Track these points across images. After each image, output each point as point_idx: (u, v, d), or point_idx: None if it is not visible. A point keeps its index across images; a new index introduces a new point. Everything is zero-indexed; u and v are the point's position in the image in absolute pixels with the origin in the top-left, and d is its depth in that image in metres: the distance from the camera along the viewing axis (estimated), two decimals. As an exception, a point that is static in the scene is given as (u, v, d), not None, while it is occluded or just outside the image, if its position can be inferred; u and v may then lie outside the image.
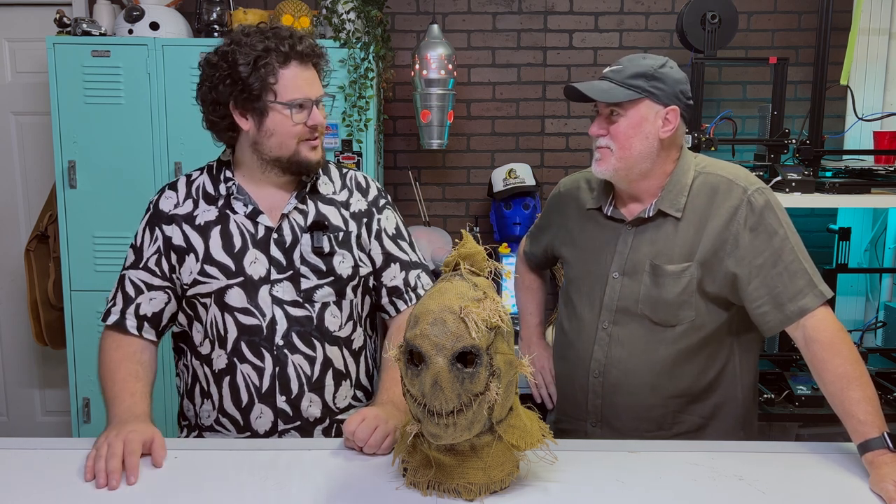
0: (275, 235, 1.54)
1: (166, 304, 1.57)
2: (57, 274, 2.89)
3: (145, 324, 1.55)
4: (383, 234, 1.63)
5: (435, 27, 2.96)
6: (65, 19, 2.76)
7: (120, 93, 2.71)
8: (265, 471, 1.33)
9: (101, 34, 2.76)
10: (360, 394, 1.64)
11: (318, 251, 1.54)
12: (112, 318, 1.55)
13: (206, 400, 1.57)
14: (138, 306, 1.55)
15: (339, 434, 1.58)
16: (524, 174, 3.04)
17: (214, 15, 2.84)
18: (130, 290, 1.55)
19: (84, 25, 2.73)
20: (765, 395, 2.35)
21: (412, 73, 2.96)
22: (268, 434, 1.54)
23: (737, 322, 1.58)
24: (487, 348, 1.11)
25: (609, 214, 1.63)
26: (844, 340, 1.42)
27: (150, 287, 1.55)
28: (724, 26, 2.73)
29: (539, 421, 1.27)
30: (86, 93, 2.70)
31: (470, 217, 3.30)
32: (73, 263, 2.79)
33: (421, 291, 1.65)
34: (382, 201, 1.66)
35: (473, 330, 1.08)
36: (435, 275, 1.60)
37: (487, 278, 1.21)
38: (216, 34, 2.82)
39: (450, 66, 2.92)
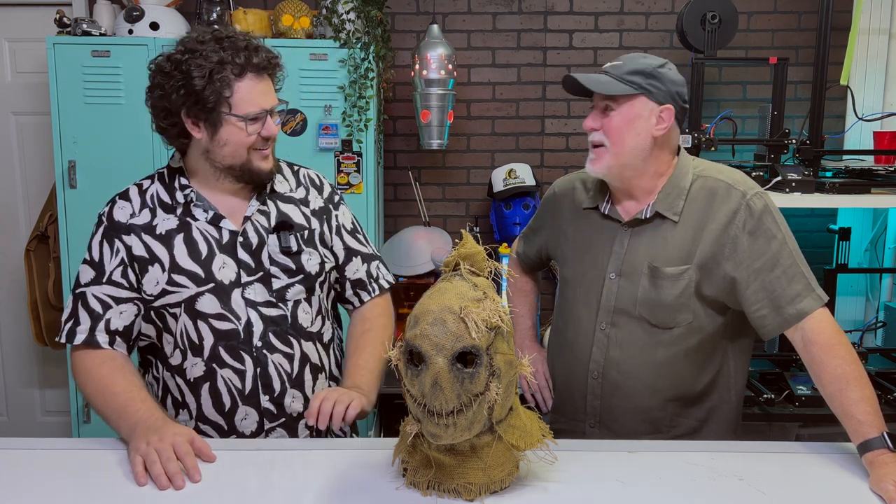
0: (240, 239, 1.53)
1: (136, 316, 1.52)
2: (57, 274, 2.89)
3: (117, 338, 1.50)
4: (342, 230, 1.67)
5: (435, 27, 2.96)
6: (65, 19, 2.76)
7: (120, 93, 2.71)
8: (265, 471, 1.33)
9: (101, 34, 2.76)
10: (333, 385, 1.66)
11: (286, 251, 1.54)
12: (80, 338, 1.48)
13: (181, 410, 1.55)
14: (108, 321, 1.49)
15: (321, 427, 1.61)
16: (524, 174, 3.04)
17: (214, 15, 2.84)
18: (97, 307, 1.49)
19: (84, 25, 2.73)
20: (765, 395, 2.35)
21: (412, 73, 2.96)
22: (254, 434, 1.54)
23: (732, 326, 1.58)
24: (487, 348, 1.11)
25: (606, 213, 1.63)
26: (842, 342, 1.42)
27: (119, 300, 1.50)
28: (724, 26, 2.73)
29: (539, 421, 1.27)
30: (86, 93, 2.70)
31: (470, 217, 3.30)
32: (73, 263, 2.79)
33: (383, 282, 1.73)
34: (336, 197, 1.69)
35: (473, 330, 1.08)
36: (435, 275, 1.60)
37: (487, 278, 1.21)
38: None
39: (450, 66, 2.92)
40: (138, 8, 2.75)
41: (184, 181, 1.54)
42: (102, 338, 1.48)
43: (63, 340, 1.50)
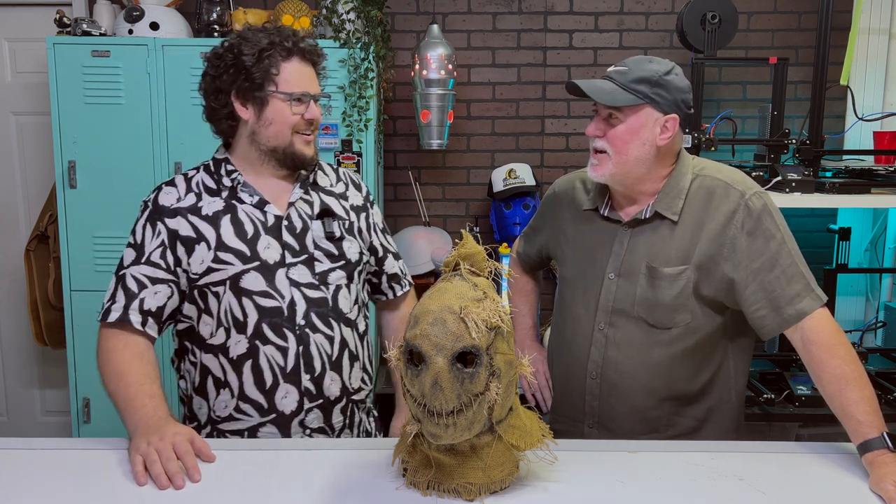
0: (285, 222, 1.58)
1: (169, 297, 1.55)
2: (57, 274, 2.89)
3: (149, 319, 1.53)
4: (377, 228, 1.77)
5: (435, 27, 2.96)
6: (65, 19, 2.76)
7: (120, 93, 2.71)
8: (266, 471, 1.33)
9: (101, 34, 2.75)
10: (366, 377, 1.69)
11: (330, 236, 1.60)
12: (114, 315, 1.51)
13: (222, 390, 1.57)
14: (142, 301, 1.53)
15: (353, 414, 1.65)
16: (524, 174, 3.04)
17: (214, 15, 2.84)
18: (133, 286, 1.53)
19: (84, 25, 2.73)
20: (765, 395, 2.35)
21: (412, 73, 2.96)
22: (294, 414, 1.56)
23: (731, 325, 1.58)
24: (487, 348, 1.11)
25: (605, 215, 1.63)
26: (842, 342, 1.42)
27: (155, 280, 1.54)
28: (724, 26, 2.73)
29: (539, 421, 1.27)
30: (86, 93, 2.70)
31: (470, 217, 3.30)
32: (73, 263, 2.79)
33: (409, 278, 1.88)
34: (371, 198, 1.79)
35: (473, 330, 1.08)
36: (435, 275, 1.61)
37: (487, 278, 1.21)
38: (216, 34, 2.82)
39: (450, 66, 2.92)
40: (138, 8, 2.75)
41: (230, 167, 1.60)
42: (135, 317, 1.52)
43: (99, 319, 1.54)
